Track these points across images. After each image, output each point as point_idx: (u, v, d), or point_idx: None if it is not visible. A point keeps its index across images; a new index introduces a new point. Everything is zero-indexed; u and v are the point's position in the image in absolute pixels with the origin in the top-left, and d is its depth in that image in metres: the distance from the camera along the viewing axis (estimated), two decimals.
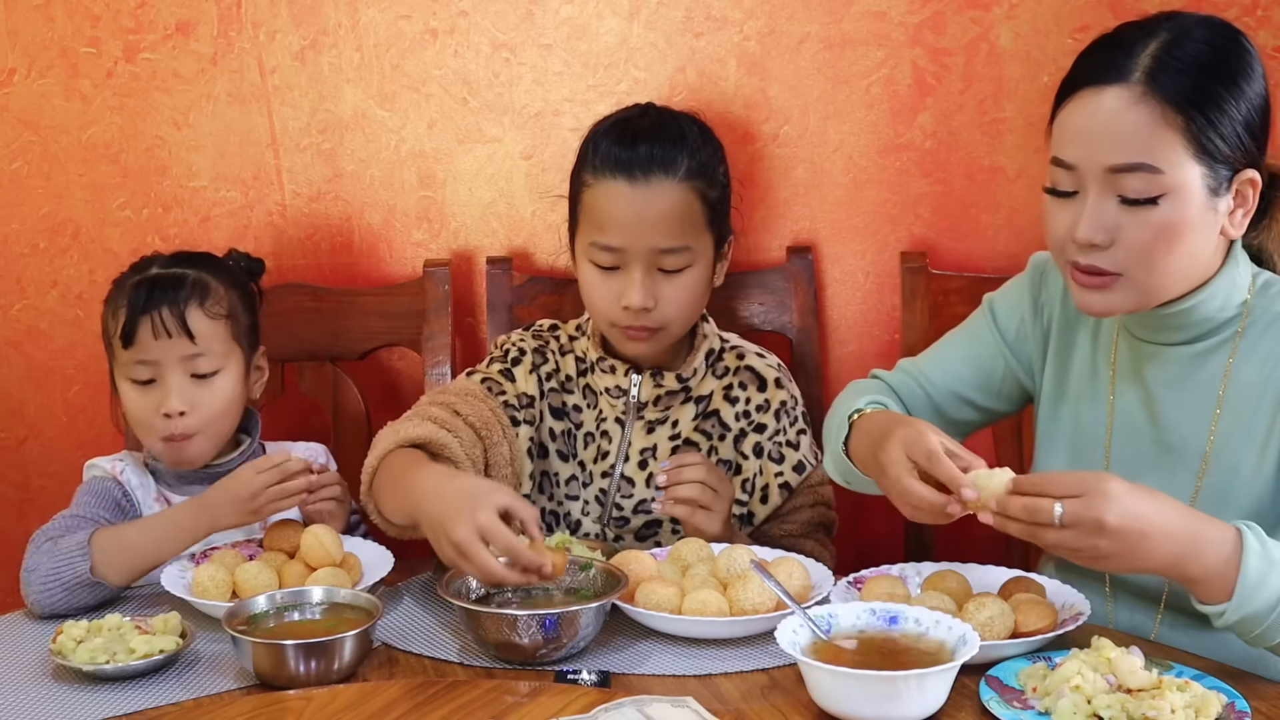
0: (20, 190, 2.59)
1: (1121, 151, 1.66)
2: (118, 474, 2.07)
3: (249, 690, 1.66)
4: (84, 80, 2.55)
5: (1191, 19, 1.72)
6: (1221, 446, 1.77)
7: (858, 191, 2.47)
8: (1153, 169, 1.65)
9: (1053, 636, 1.66)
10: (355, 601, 1.76)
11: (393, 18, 2.50)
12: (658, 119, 2.09)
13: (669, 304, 2.04)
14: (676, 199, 2.02)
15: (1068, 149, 1.71)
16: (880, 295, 2.50)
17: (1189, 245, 1.69)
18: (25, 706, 1.64)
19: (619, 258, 2.03)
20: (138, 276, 2.07)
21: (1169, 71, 1.65)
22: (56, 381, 2.65)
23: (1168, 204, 1.66)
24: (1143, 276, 1.70)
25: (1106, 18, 2.36)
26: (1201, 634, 1.74)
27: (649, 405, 2.13)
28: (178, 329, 2.03)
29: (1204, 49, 1.67)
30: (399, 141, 2.54)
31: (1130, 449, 1.84)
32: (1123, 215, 1.67)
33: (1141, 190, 1.66)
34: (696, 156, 2.04)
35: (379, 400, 2.57)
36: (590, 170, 2.06)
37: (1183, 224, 1.67)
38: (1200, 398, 1.78)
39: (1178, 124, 1.64)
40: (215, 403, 2.06)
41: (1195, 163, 1.65)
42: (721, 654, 1.73)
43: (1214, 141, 1.65)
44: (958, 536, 2.53)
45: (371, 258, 2.57)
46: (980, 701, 1.54)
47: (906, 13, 2.41)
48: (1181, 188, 1.66)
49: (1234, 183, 1.69)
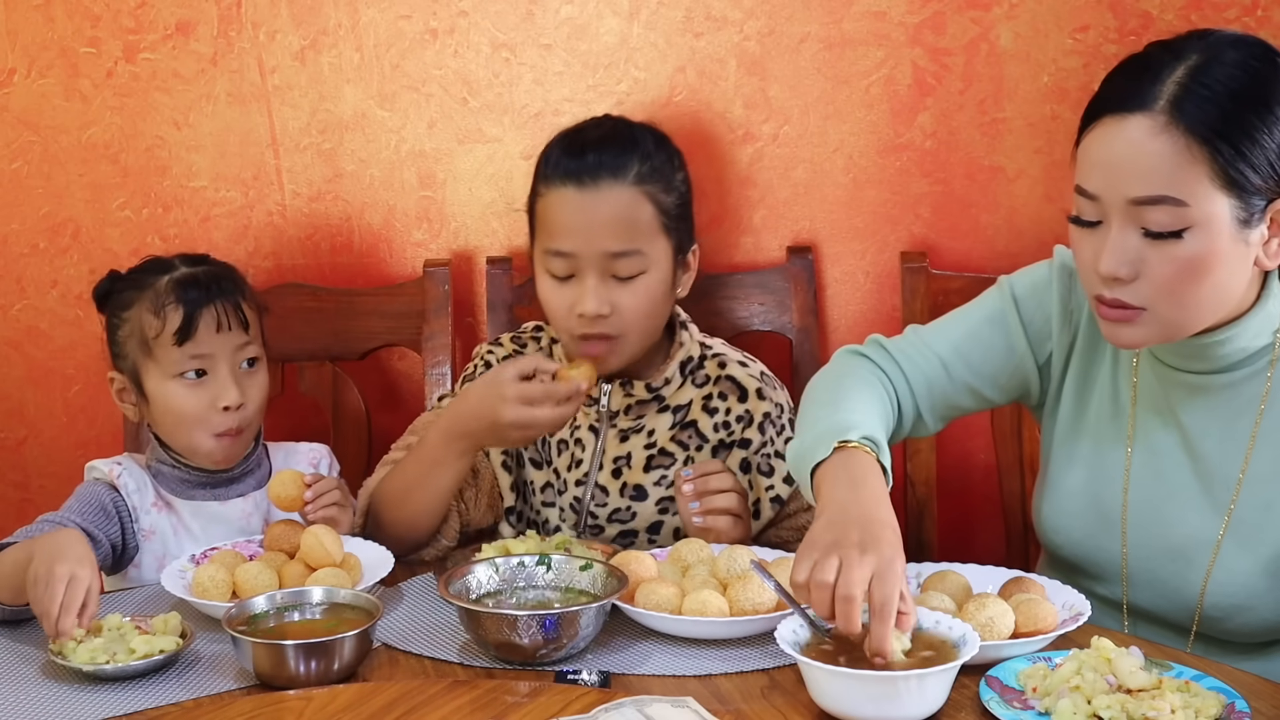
0: (20, 190, 2.59)
1: (1144, 184, 1.59)
2: (114, 477, 2.07)
3: (249, 690, 1.66)
4: (84, 80, 2.55)
5: (1225, 40, 1.65)
6: (1255, 480, 1.73)
7: (858, 191, 2.47)
8: (1177, 202, 1.58)
9: (1053, 637, 1.65)
10: (355, 602, 1.76)
11: (393, 18, 2.50)
12: (611, 128, 2.10)
13: (625, 311, 2.03)
14: (626, 202, 2.02)
15: (1090, 179, 1.65)
16: (880, 295, 2.50)
17: (1218, 278, 1.62)
18: (25, 706, 1.64)
19: (572, 264, 2.03)
20: (169, 276, 2.06)
21: (1195, 100, 1.58)
22: (56, 381, 2.65)
23: (1194, 237, 1.60)
24: (1168, 311, 1.64)
25: (1106, 18, 2.37)
26: (1234, 659, 1.74)
27: (620, 414, 2.13)
28: (237, 321, 2.05)
29: (1235, 74, 1.60)
30: (399, 141, 2.54)
31: (1153, 475, 1.79)
32: (1146, 248, 1.61)
33: (1165, 224, 1.59)
34: (649, 161, 2.05)
35: (379, 400, 2.57)
36: (543, 180, 2.07)
37: (1210, 257, 1.60)
38: (1233, 427, 1.73)
39: (1203, 155, 1.57)
40: (260, 395, 2.10)
41: (1223, 194, 1.58)
42: (721, 654, 1.73)
43: (1244, 172, 1.58)
44: (958, 537, 2.54)
45: (371, 258, 2.57)
46: (980, 702, 1.54)
47: (906, 13, 2.41)
48: (1209, 220, 1.59)
49: (1268, 212, 1.62)
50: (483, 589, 1.81)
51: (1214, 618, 1.77)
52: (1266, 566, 1.73)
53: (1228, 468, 1.74)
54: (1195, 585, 1.77)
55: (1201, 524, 1.75)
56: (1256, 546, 1.72)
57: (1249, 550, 1.74)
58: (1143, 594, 1.83)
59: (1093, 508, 1.84)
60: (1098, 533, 1.84)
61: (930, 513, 2.39)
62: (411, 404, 2.53)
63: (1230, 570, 1.75)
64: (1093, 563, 1.86)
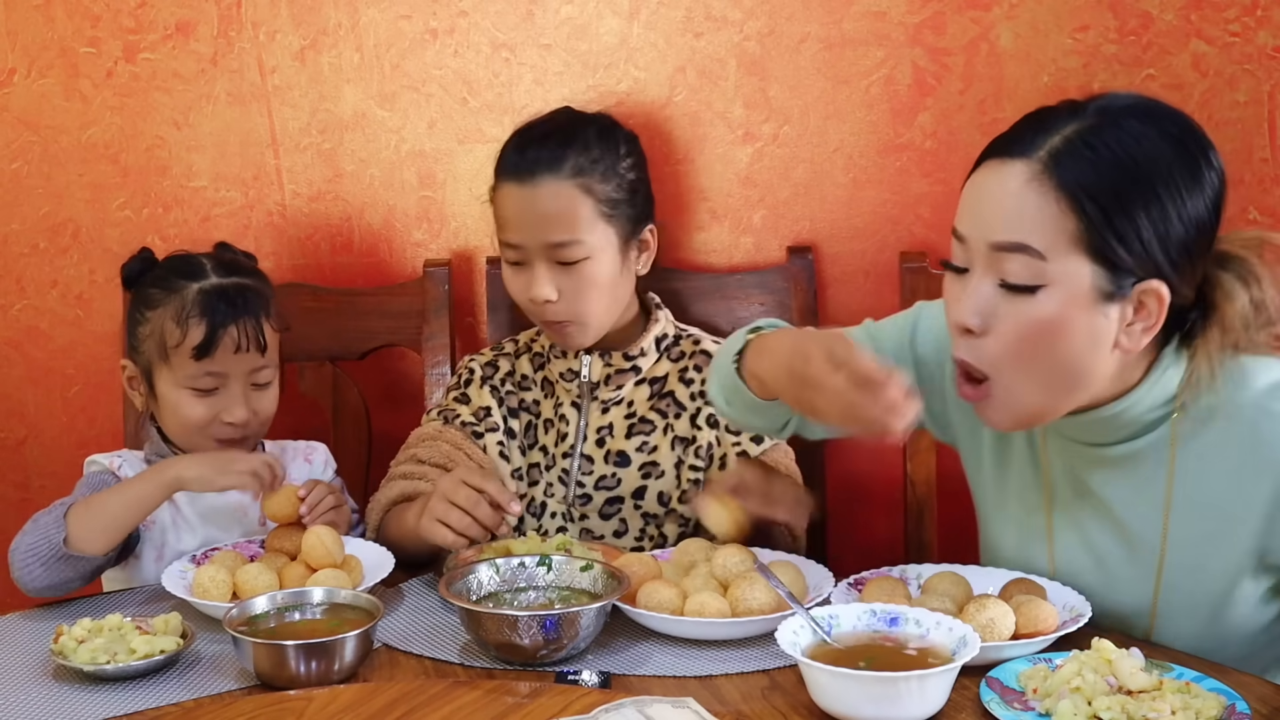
0: (20, 190, 2.59)
1: (1006, 229, 1.54)
2: (115, 469, 2.08)
3: (250, 691, 1.66)
4: (84, 80, 2.55)
5: (1138, 108, 1.58)
6: (1178, 545, 1.68)
7: (858, 191, 2.47)
8: (1036, 253, 1.53)
9: (1053, 638, 1.65)
10: (356, 602, 1.76)
11: (393, 18, 2.50)
12: (557, 123, 2.21)
13: (574, 295, 2.14)
14: (562, 196, 2.12)
15: (962, 220, 1.61)
16: (880, 295, 2.49)
17: (1068, 349, 1.55)
18: (26, 706, 1.64)
19: (521, 254, 2.15)
20: (199, 286, 2.07)
21: (1075, 156, 1.52)
22: (56, 381, 2.65)
23: (1048, 296, 1.53)
24: (1014, 379, 1.58)
25: (1106, 18, 2.37)
26: None
27: (601, 385, 2.21)
28: (256, 344, 2.06)
29: (1128, 143, 1.53)
30: (399, 141, 2.54)
31: (1079, 543, 1.75)
32: (1001, 301, 1.56)
33: (1022, 275, 1.54)
34: (587, 154, 2.14)
35: (379, 400, 2.57)
36: (497, 175, 2.20)
37: (1062, 323, 1.54)
38: (1147, 494, 1.68)
39: (1071, 212, 1.52)
40: (269, 410, 2.12)
41: (1086, 259, 1.52)
42: (722, 655, 1.73)
43: (1110, 243, 1.51)
44: (958, 537, 2.53)
45: (371, 258, 2.57)
46: (981, 703, 1.54)
47: (906, 13, 2.41)
48: (1066, 280, 1.53)
49: (1134, 292, 1.54)
50: (483, 590, 1.82)
51: None
52: (1207, 628, 1.70)
53: (1149, 534, 1.69)
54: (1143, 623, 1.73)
55: (1134, 591, 1.72)
56: (1194, 609, 1.68)
57: (1187, 614, 1.70)
58: None
59: (1026, 570, 1.80)
60: None
61: (930, 513, 2.39)
62: (411, 404, 2.52)
63: (1174, 635, 1.71)
64: None
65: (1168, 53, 2.36)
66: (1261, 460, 1.60)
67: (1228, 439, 1.62)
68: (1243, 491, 1.62)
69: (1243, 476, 1.62)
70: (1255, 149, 2.37)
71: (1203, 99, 2.36)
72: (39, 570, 1.90)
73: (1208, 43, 2.35)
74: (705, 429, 2.19)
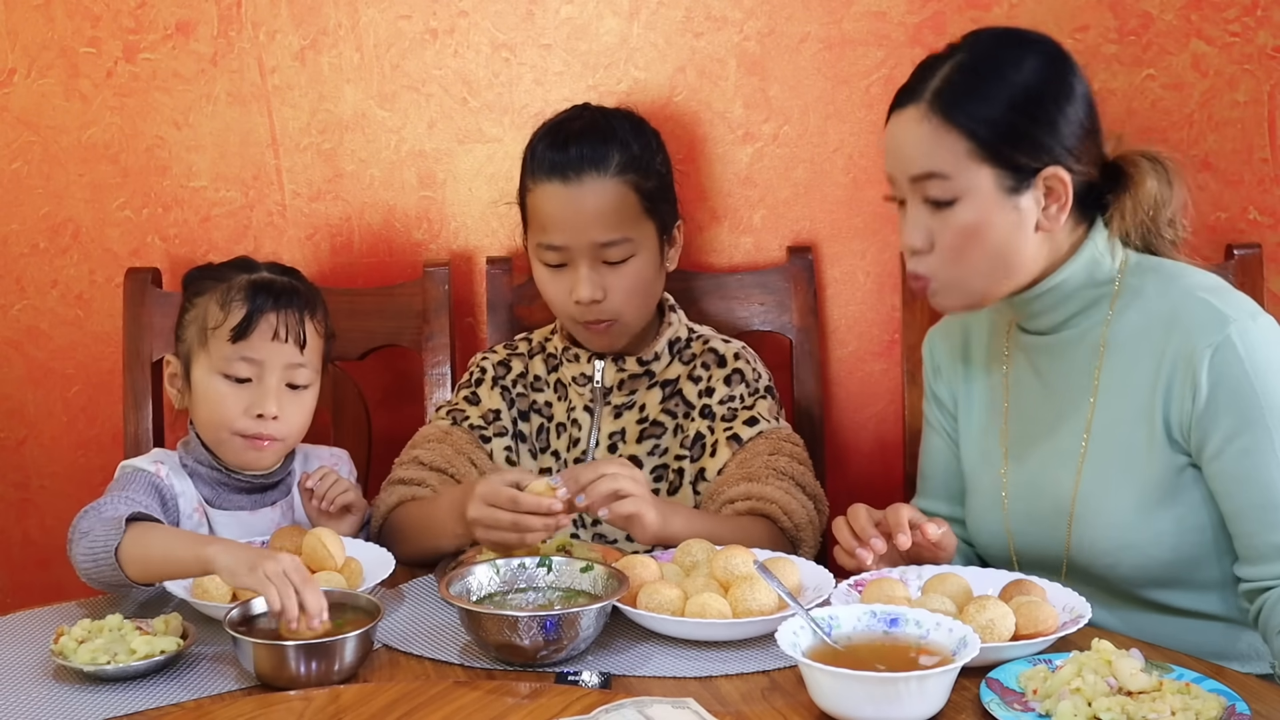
0: (20, 190, 2.60)
1: (916, 163, 1.81)
2: (161, 477, 2.04)
3: (250, 691, 1.66)
4: (84, 80, 2.55)
5: (1000, 36, 1.88)
6: (1101, 429, 1.85)
7: (858, 191, 2.47)
8: (942, 176, 1.80)
9: (1053, 639, 1.66)
10: (356, 603, 1.76)
11: (393, 18, 2.50)
12: (589, 120, 2.17)
13: (617, 293, 2.12)
14: (610, 194, 2.10)
15: (887, 162, 1.87)
16: (880, 295, 2.50)
17: (996, 241, 1.81)
18: (26, 707, 1.64)
19: (564, 255, 2.12)
20: (248, 276, 2.06)
21: (951, 88, 1.79)
22: (56, 381, 2.65)
23: (964, 206, 1.80)
24: (956, 275, 1.83)
25: (1106, 18, 2.37)
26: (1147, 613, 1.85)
27: (614, 390, 2.19)
28: (295, 335, 2.04)
29: (988, 62, 1.81)
30: (399, 141, 2.54)
31: (1024, 421, 1.94)
32: (932, 220, 1.82)
33: (939, 194, 1.80)
34: (628, 150, 2.13)
35: (379, 400, 2.57)
36: (530, 176, 2.16)
37: (983, 223, 1.80)
38: (1080, 381, 1.87)
39: (957, 133, 1.78)
40: (302, 416, 2.07)
41: (984, 166, 1.78)
42: (722, 656, 1.73)
43: (1001, 150, 1.77)
44: None
45: (371, 258, 2.57)
46: (981, 704, 1.55)
47: (906, 13, 2.41)
48: (974, 189, 1.79)
49: (1038, 180, 1.79)
50: (483, 590, 1.82)
51: (1107, 564, 1.84)
52: (1136, 510, 1.81)
53: (1079, 413, 1.88)
54: (1063, 538, 1.87)
55: (1062, 477, 1.87)
56: (1109, 481, 1.83)
57: (1113, 496, 1.83)
58: (1028, 554, 1.93)
59: (982, 487, 1.99)
60: (988, 509, 1.97)
61: None
62: (411, 404, 2.52)
63: (1100, 520, 1.84)
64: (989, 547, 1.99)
65: (1168, 53, 2.36)
66: (1173, 335, 1.79)
67: (1151, 321, 1.82)
68: (1158, 370, 1.80)
69: (1157, 355, 1.81)
70: (1255, 149, 2.37)
71: (1203, 99, 2.36)
72: (90, 566, 1.82)
73: (1208, 43, 2.35)
74: (698, 419, 2.17)
